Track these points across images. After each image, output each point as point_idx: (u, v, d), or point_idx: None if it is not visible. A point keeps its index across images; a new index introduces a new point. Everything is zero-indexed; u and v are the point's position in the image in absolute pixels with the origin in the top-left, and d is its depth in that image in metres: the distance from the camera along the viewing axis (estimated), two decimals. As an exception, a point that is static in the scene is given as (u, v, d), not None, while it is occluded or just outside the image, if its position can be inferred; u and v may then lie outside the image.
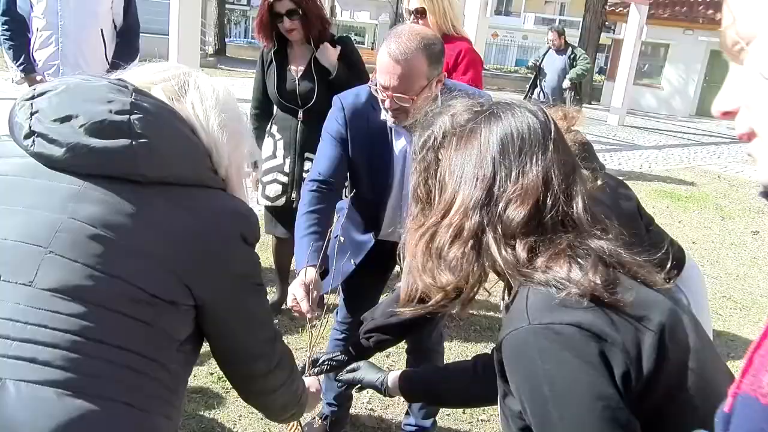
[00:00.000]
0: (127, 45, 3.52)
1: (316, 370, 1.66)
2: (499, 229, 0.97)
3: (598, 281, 0.91)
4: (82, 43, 3.35)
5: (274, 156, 3.06)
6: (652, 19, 15.45)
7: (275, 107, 3.08)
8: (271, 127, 3.08)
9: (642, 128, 14.08)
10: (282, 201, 3.08)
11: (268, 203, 3.12)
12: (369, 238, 2.08)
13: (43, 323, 0.89)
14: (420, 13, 2.88)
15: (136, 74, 1.12)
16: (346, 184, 2.24)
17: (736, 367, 2.55)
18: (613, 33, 20.58)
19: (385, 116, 1.86)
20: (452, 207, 1.01)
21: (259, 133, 3.13)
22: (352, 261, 2.07)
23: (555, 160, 1.00)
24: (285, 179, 3.05)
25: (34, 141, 0.97)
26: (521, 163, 0.99)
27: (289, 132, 3.00)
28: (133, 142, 0.97)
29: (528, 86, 8.24)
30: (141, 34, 3.67)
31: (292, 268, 3.20)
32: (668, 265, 1.05)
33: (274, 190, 3.07)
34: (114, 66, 3.44)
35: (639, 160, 9.55)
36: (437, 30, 2.81)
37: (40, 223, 0.94)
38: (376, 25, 37.34)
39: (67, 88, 1.00)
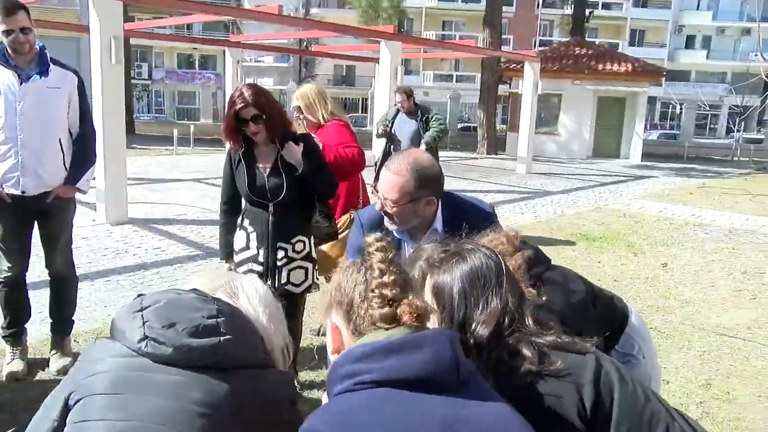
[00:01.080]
0: (84, 151, 3.61)
1: None
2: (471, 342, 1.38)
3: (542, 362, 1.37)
4: (41, 153, 3.43)
5: (247, 247, 3.27)
6: (544, 71, 16.87)
7: (245, 202, 3.31)
8: (242, 221, 3.30)
9: (548, 174, 15.15)
10: (258, 289, 3.27)
11: (245, 292, 3.30)
12: None
13: None
14: (299, 109, 4.01)
15: (199, 283, 1.48)
16: None
17: (671, 390, 3.07)
18: (510, 87, 22.14)
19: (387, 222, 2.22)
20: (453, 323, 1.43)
21: (231, 227, 3.35)
22: None
23: (508, 290, 1.43)
24: (260, 268, 3.25)
25: (147, 343, 1.28)
26: (486, 298, 1.41)
27: (261, 224, 3.24)
28: (221, 339, 1.31)
29: (381, 154, 6.87)
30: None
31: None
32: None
33: (250, 279, 3.27)
34: (72, 174, 3.55)
35: (552, 206, 10.33)
36: (314, 120, 3.94)
37: (160, 408, 1.23)
38: (282, 90, 38.25)
39: (167, 302, 1.34)
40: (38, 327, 4.12)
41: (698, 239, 7.96)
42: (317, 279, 3.42)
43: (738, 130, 28.05)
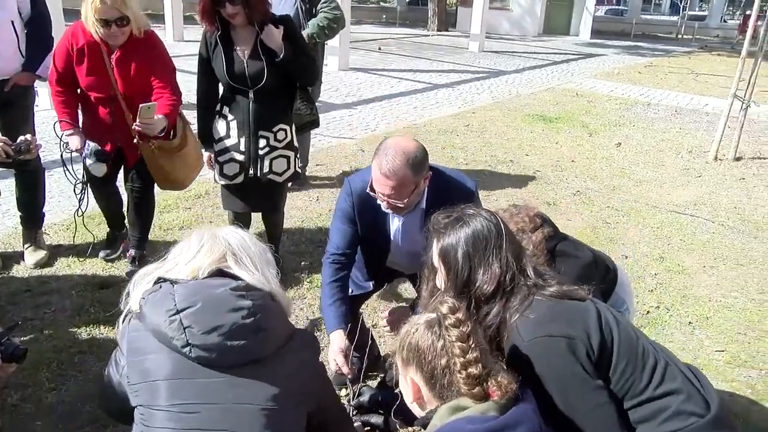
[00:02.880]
0: (38, 33, 3.34)
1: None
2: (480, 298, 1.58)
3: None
4: None
5: (228, 136, 3.19)
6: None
7: (222, 89, 3.17)
8: (222, 109, 3.19)
9: (500, 52, 14.98)
10: (240, 179, 3.24)
11: (227, 182, 3.26)
12: (369, 286, 2.63)
13: None
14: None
15: (201, 263, 1.50)
16: None
17: (629, 265, 3.32)
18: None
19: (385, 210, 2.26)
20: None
21: (208, 114, 3.23)
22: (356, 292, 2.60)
23: (508, 250, 1.60)
24: (241, 158, 3.20)
25: (191, 350, 1.36)
26: (487, 259, 1.57)
27: (241, 112, 3.14)
28: (259, 335, 1.40)
29: None
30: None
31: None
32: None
33: (231, 169, 3.22)
34: (29, 60, 3.30)
35: (507, 86, 10.32)
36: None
37: (213, 416, 1.34)
38: None
39: (204, 305, 1.38)
40: (6, 223, 4.00)
41: (648, 119, 8.21)
42: (299, 167, 3.40)
43: (684, 8, 28.08)
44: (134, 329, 1.46)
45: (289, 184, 3.46)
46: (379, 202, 2.23)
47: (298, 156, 3.36)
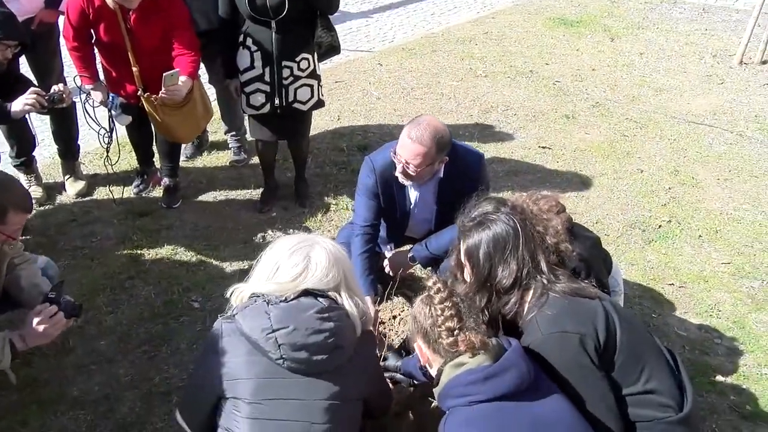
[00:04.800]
0: None
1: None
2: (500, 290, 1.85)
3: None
4: None
5: (252, 67, 3.26)
6: None
7: (246, 20, 3.21)
8: (245, 40, 3.24)
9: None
10: (267, 108, 3.34)
11: (254, 112, 3.37)
12: (390, 247, 3.00)
13: None
14: None
15: (316, 281, 1.75)
16: None
17: (645, 179, 3.48)
18: None
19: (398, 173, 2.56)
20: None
21: (231, 46, 3.29)
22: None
23: (525, 250, 1.83)
24: (267, 88, 3.28)
25: (284, 362, 1.67)
26: (505, 258, 1.82)
27: (265, 43, 3.19)
28: (337, 350, 1.71)
29: None
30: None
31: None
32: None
33: (258, 99, 3.32)
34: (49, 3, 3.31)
35: (527, -15, 9.92)
36: None
37: (295, 408, 1.68)
38: None
39: (295, 328, 1.67)
40: (43, 153, 4.18)
41: (673, 19, 7.94)
42: (322, 96, 3.48)
43: None
44: (228, 333, 1.73)
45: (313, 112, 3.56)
46: (396, 164, 2.49)
47: (321, 84, 3.43)
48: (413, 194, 2.70)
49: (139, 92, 3.23)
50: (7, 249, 2.26)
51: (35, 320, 2.03)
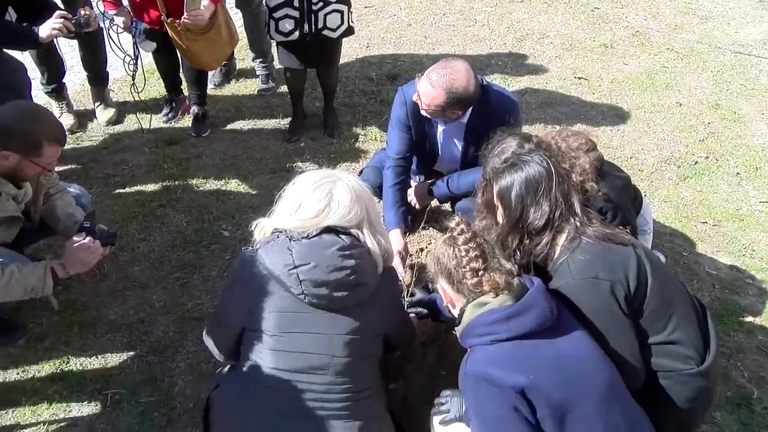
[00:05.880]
0: None
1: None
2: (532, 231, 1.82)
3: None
4: None
5: (280, -8, 3.16)
6: None
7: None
8: (274, -36, 3.12)
9: None
10: (296, 35, 3.26)
11: (282, 38, 3.29)
12: (420, 179, 2.98)
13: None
14: None
15: (338, 218, 1.73)
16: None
17: (683, 113, 3.37)
18: None
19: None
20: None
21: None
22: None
23: (558, 191, 1.80)
24: (296, 14, 3.19)
25: (305, 297, 1.69)
26: (537, 199, 1.79)
27: (293, -33, 3.07)
28: (358, 287, 1.72)
29: None
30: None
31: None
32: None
33: (287, 25, 3.23)
34: None
35: None
36: None
37: (316, 340, 1.72)
38: None
39: (317, 265, 1.67)
40: (73, 80, 4.17)
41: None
42: (352, 22, 3.37)
43: None
44: (252, 264, 1.75)
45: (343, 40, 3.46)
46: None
47: (351, 10, 3.32)
48: (440, 129, 2.65)
49: (162, 17, 3.17)
50: (43, 180, 2.30)
51: (73, 249, 2.09)
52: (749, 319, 2.71)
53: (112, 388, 2.36)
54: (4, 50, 2.94)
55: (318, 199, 1.74)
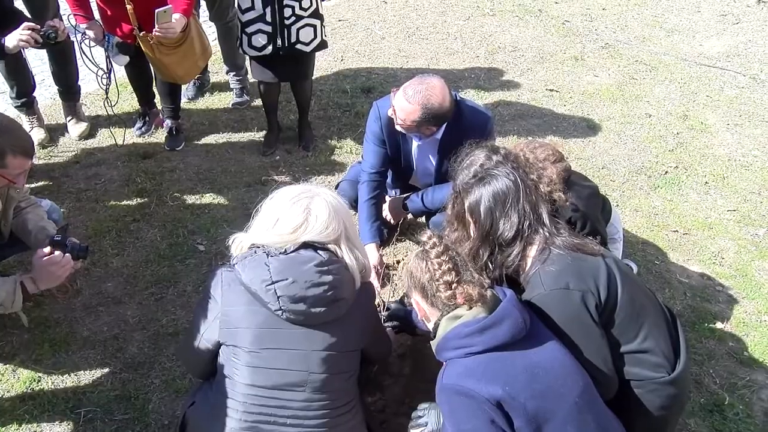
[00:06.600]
0: None
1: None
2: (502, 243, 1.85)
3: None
4: None
5: (253, 7, 3.17)
6: None
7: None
8: (245, -22, 3.13)
9: None
10: (269, 50, 3.26)
11: (256, 53, 3.29)
12: (396, 193, 3.01)
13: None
14: None
15: (316, 233, 1.73)
16: None
17: (652, 123, 3.46)
18: None
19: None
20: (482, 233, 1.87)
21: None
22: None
23: (525, 202, 1.83)
24: (269, 29, 3.20)
25: (282, 313, 1.69)
26: (506, 212, 1.82)
27: (265, -19, 3.08)
28: (335, 303, 1.72)
29: None
30: None
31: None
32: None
33: (260, 40, 3.23)
34: None
35: None
36: None
37: (293, 357, 1.71)
38: None
39: (294, 280, 1.67)
40: (44, 94, 4.12)
41: (689, -45, 7.65)
42: (325, 36, 3.39)
43: None
44: (228, 282, 1.73)
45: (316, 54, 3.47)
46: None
47: (324, 24, 3.34)
48: (414, 145, 2.68)
49: (135, 31, 3.15)
50: (13, 193, 2.26)
51: (43, 263, 2.04)
52: (720, 325, 2.77)
53: (85, 407, 2.31)
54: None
55: (296, 214, 1.74)
